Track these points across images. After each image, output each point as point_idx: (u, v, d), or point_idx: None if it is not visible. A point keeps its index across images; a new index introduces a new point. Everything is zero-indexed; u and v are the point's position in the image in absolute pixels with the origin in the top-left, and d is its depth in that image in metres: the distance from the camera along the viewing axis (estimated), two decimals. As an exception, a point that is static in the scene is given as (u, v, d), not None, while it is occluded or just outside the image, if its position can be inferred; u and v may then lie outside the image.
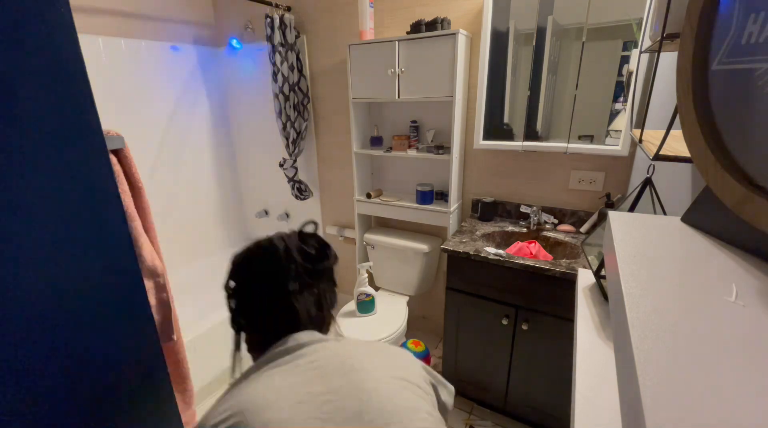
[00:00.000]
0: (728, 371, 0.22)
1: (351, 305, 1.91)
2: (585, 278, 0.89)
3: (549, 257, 1.56)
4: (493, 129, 1.70)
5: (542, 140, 1.61)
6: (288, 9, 2.04)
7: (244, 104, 2.46)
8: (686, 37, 0.36)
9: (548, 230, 1.68)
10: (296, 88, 2.05)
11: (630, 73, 1.37)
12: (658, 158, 0.55)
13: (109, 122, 1.55)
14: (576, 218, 1.68)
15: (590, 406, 0.55)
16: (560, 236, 1.62)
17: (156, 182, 2.17)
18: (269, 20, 1.91)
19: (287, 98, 2.01)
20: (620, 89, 1.43)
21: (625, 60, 1.39)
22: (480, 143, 1.70)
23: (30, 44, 0.44)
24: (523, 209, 1.74)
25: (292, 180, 2.23)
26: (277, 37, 1.92)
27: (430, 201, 1.88)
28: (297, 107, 2.07)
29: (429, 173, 1.98)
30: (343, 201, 2.34)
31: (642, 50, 1.08)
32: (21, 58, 0.43)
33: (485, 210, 1.81)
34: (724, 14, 0.32)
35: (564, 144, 1.54)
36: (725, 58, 0.32)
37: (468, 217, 1.93)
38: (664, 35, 0.57)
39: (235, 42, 2.28)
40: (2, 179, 0.43)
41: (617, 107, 1.45)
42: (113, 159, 0.91)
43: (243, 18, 2.23)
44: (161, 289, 1.01)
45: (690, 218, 0.43)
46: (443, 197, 1.90)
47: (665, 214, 0.78)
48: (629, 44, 1.37)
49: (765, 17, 0.27)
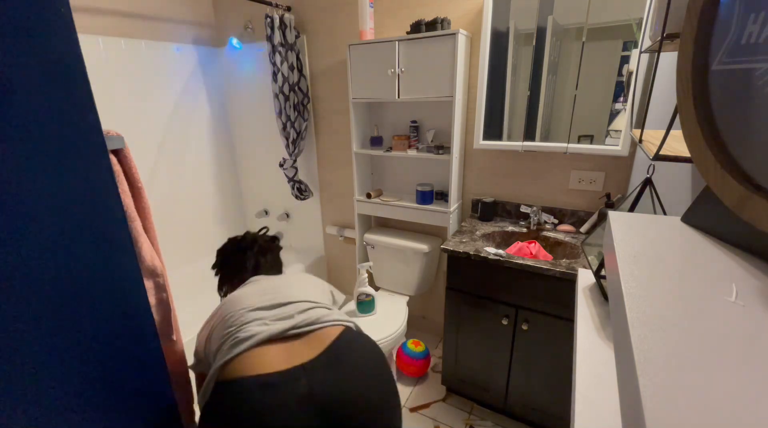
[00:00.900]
0: (728, 371, 0.22)
1: (351, 305, 1.91)
2: (585, 278, 0.89)
3: (549, 257, 1.56)
4: (493, 129, 1.70)
5: (542, 140, 1.61)
6: (288, 9, 2.04)
7: (244, 104, 2.46)
8: (686, 37, 0.36)
9: (548, 230, 1.68)
10: (296, 88, 2.05)
11: (630, 73, 1.37)
12: (658, 158, 0.55)
13: (109, 122, 1.55)
14: (576, 218, 1.68)
15: (590, 406, 0.55)
16: (560, 236, 1.63)
17: (156, 182, 2.17)
18: (269, 20, 1.91)
19: (287, 98, 2.01)
20: (620, 89, 1.43)
21: (625, 60, 1.39)
22: (480, 143, 1.70)
23: (30, 44, 0.44)
24: (523, 209, 1.74)
25: (292, 180, 2.23)
26: (277, 37, 1.92)
27: (430, 201, 1.88)
28: (297, 107, 2.07)
29: (429, 173, 1.98)
30: (343, 201, 2.34)
31: (642, 50, 1.08)
32: (21, 58, 0.43)
33: (485, 210, 1.82)
34: (724, 14, 0.32)
35: (564, 144, 1.54)
36: (725, 58, 0.32)
37: (468, 217, 1.93)
38: (664, 35, 0.57)
39: (235, 42, 2.28)
40: (2, 179, 0.43)
41: (617, 106, 1.45)
42: (113, 159, 0.91)
43: (243, 18, 2.23)
44: (161, 289, 1.01)
45: (690, 218, 0.43)
46: (443, 197, 1.90)
47: (665, 214, 0.78)
48: (629, 44, 1.37)
49: (765, 17, 0.27)
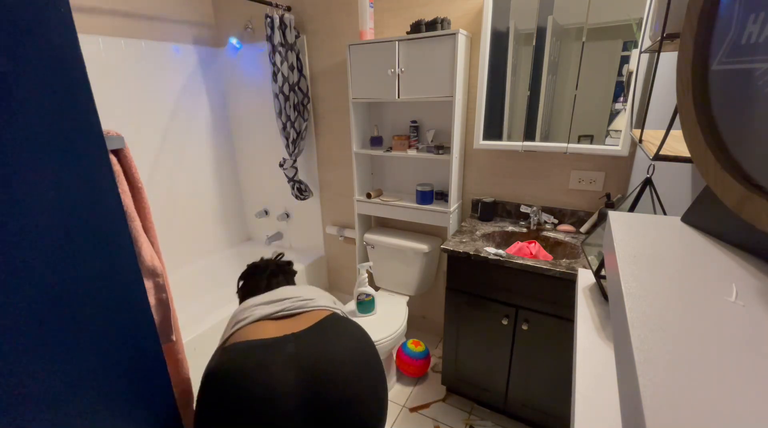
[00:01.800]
0: (728, 371, 0.22)
1: (351, 305, 1.91)
2: (585, 278, 0.89)
3: (549, 257, 1.56)
4: (493, 129, 1.70)
5: (542, 140, 1.61)
6: (288, 9, 2.04)
7: (244, 104, 2.46)
8: (686, 37, 0.36)
9: (548, 230, 1.68)
10: (296, 88, 2.05)
11: (630, 73, 1.37)
12: (658, 158, 0.55)
13: (109, 122, 1.56)
14: (576, 218, 1.68)
15: (590, 406, 0.55)
16: (560, 236, 1.62)
17: (156, 182, 2.17)
18: (269, 20, 1.91)
19: (287, 98, 2.01)
20: (620, 89, 1.43)
21: (625, 60, 1.39)
22: (480, 143, 1.70)
23: (30, 44, 0.44)
24: (523, 209, 1.74)
25: (292, 180, 2.23)
26: (277, 37, 1.92)
27: (430, 201, 1.88)
28: (297, 107, 2.07)
29: (429, 173, 1.98)
30: (343, 201, 2.34)
31: (642, 50, 1.08)
32: (21, 58, 0.43)
33: (485, 210, 1.82)
34: (724, 14, 0.32)
35: (564, 144, 1.54)
36: (725, 58, 0.32)
37: (468, 217, 1.93)
38: (664, 35, 0.57)
39: (235, 42, 2.28)
40: (2, 179, 0.43)
41: (617, 107, 1.45)
42: (113, 159, 0.91)
43: (243, 18, 2.23)
44: (161, 289, 1.01)
45: (690, 218, 0.43)
46: (443, 197, 1.90)
47: (665, 214, 0.78)
48: (629, 44, 1.37)
49: (765, 17, 0.27)
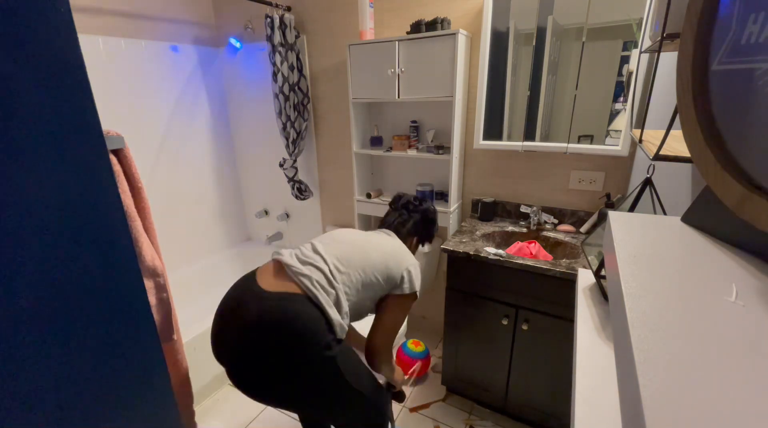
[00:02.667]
0: (728, 371, 0.22)
1: (351, 305, 1.91)
2: (585, 278, 0.89)
3: (549, 257, 1.56)
4: (493, 129, 1.70)
5: (542, 140, 1.61)
6: (288, 9, 2.04)
7: (244, 104, 2.46)
8: (686, 37, 0.36)
9: (548, 230, 1.68)
10: (296, 88, 2.05)
11: (630, 73, 1.37)
12: (658, 158, 0.55)
13: (109, 122, 1.55)
14: (576, 218, 1.68)
15: (590, 406, 0.55)
16: (560, 236, 1.62)
17: (156, 182, 2.17)
18: (269, 20, 1.91)
19: (287, 98, 2.01)
20: (620, 89, 1.42)
21: (625, 60, 1.39)
22: (480, 143, 1.70)
23: (30, 44, 0.44)
24: (523, 209, 1.74)
25: (292, 180, 2.23)
26: (277, 37, 1.92)
27: (431, 201, 1.88)
28: (297, 107, 2.07)
29: (429, 173, 1.98)
30: (343, 201, 2.34)
31: (642, 50, 1.08)
32: (21, 58, 0.43)
33: (485, 210, 1.81)
34: (724, 14, 0.32)
35: (564, 144, 1.54)
36: (725, 58, 0.32)
37: (468, 217, 1.93)
38: (664, 35, 0.57)
39: (235, 42, 2.28)
40: (2, 179, 0.43)
41: (617, 106, 1.45)
42: (113, 159, 0.91)
43: (243, 18, 2.23)
44: (161, 289, 1.01)
45: (690, 218, 0.43)
46: (443, 197, 1.90)
47: (665, 214, 0.78)
48: (629, 44, 1.37)
49: (765, 17, 0.27)
